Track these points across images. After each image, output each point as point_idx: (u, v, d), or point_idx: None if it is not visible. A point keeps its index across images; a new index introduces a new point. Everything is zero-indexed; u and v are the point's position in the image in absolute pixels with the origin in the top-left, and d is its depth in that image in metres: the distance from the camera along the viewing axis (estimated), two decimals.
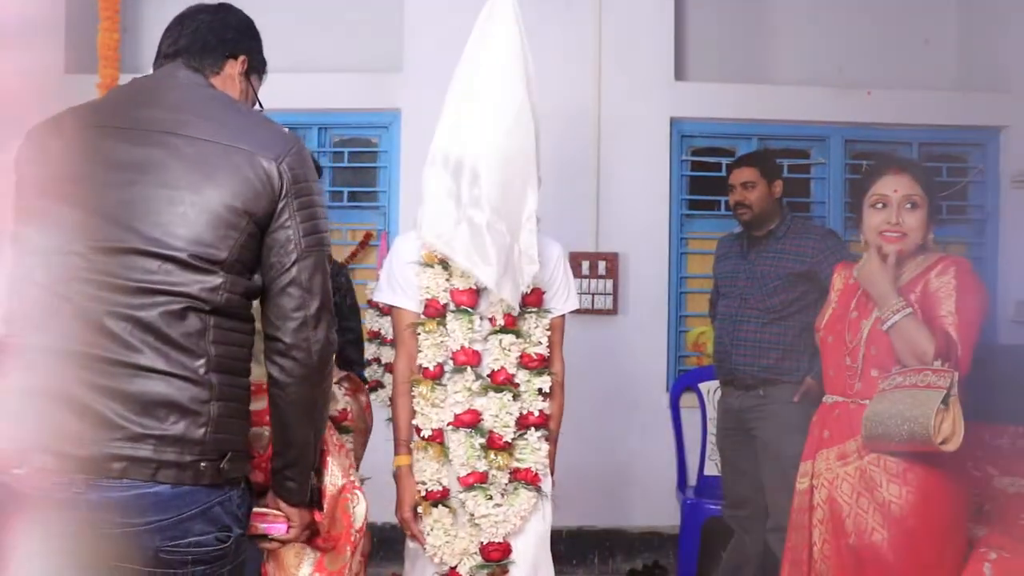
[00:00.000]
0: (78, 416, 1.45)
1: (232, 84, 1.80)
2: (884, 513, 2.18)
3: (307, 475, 1.74)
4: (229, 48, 1.80)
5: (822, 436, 2.37)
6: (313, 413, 1.68)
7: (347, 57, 4.36)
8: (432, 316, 2.22)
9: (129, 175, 1.54)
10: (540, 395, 2.25)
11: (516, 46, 2.11)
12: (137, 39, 4.44)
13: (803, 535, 2.37)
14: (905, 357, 2.21)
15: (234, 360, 1.58)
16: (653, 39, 4.23)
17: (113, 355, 1.47)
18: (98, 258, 1.50)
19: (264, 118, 1.71)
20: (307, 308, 1.60)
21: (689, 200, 4.37)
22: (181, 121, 1.61)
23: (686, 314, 4.36)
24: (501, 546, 2.20)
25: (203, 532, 1.53)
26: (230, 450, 1.55)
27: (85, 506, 1.45)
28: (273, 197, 1.57)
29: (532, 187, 2.14)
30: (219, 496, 1.55)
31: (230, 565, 1.60)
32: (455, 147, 2.11)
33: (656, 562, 4.12)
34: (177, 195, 1.53)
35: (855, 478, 2.24)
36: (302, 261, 1.60)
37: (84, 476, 1.44)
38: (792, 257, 3.24)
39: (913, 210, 2.28)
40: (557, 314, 2.32)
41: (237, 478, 1.59)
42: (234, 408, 1.57)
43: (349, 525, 1.87)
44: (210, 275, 1.53)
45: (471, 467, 2.18)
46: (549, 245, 2.34)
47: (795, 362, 3.23)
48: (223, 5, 1.89)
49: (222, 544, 1.56)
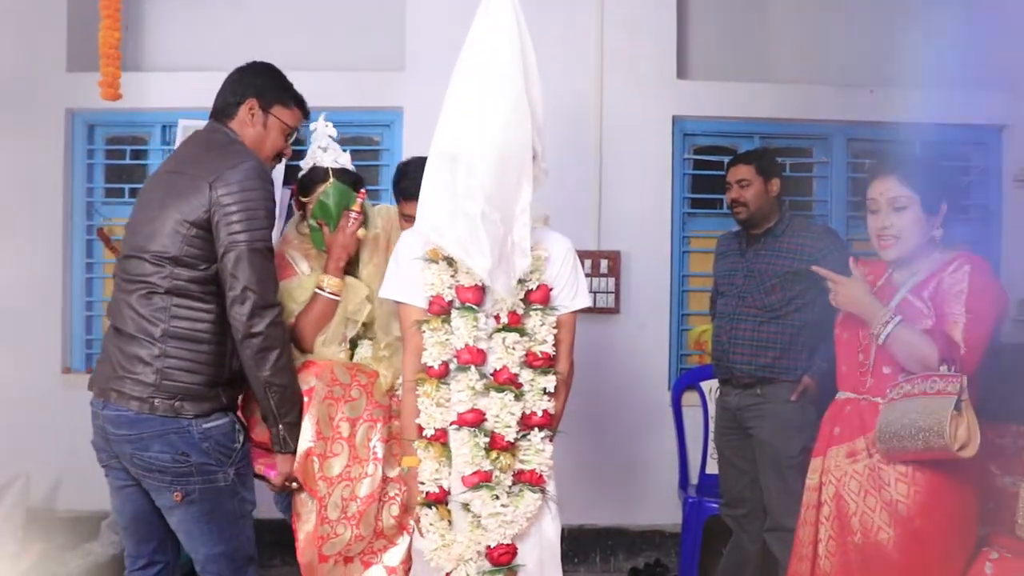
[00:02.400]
0: (104, 361, 2.32)
1: (247, 123, 2.44)
2: (891, 512, 2.17)
3: (276, 427, 2.32)
4: (238, 96, 2.43)
5: (832, 432, 2.37)
6: (256, 372, 2.24)
7: (349, 55, 4.36)
8: (436, 313, 2.21)
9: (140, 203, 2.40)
10: (545, 395, 2.22)
11: (513, 40, 2.10)
12: (138, 38, 4.44)
13: (810, 531, 2.37)
14: (910, 365, 2.20)
15: (190, 330, 2.23)
16: (655, 37, 4.23)
17: (119, 324, 2.28)
18: (122, 260, 2.34)
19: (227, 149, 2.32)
20: (233, 289, 2.21)
21: (691, 198, 4.37)
22: (175, 160, 2.44)
23: (688, 312, 4.36)
24: (509, 548, 2.17)
25: (161, 451, 2.21)
26: (180, 393, 2.20)
27: (101, 417, 2.28)
28: (206, 207, 2.21)
29: (527, 180, 2.13)
30: (174, 426, 2.21)
31: (198, 484, 2.23)
32: (451, 140, 2.11)
33: (658, 560, 4.12)
34: (152, 214, 2.28)
35: (863, 476, 2.24)
36: (227, 254, 2.21)
37: (101, 398, 2.29)
38: (790, 255, 3.24)
39: (901, 212, 2.28)
40: (564, 312, 2.28)
41: (200, 416, 2.22)
42: (185, 364, 2.21)
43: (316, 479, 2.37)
44: (163, 268, 2.22)
45: (476, 466, 2.15)
46: (557, 241, 2.32)
47: (793, 361, 3.23)
48: (246, 64, 2.53)
49: (180, 464, 2.21)
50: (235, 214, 2.20)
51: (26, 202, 4.26)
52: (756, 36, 4.50)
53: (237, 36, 4.42)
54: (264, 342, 2.22)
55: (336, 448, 2.43)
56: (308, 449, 2.35)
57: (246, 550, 2.37)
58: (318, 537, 2.38)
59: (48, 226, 4.31)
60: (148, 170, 4.42)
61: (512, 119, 2.09)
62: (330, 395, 2.43)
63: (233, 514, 2.31)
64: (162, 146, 4.40)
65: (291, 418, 2.33)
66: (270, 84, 2.46)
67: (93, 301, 4.42)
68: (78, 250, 4.39)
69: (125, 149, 4.45)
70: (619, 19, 4.20)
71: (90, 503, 4.21)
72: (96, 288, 4.43)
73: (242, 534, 2.35)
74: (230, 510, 2.30)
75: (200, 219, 2.21)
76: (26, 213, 4.27)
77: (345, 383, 2.48)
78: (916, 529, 2.15)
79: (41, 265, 4.30)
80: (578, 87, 4.17)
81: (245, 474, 2.36)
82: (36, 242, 4.29)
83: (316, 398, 2.39)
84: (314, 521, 2.38)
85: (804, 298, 3.23)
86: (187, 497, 2.23)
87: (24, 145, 4.27)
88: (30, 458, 4.02)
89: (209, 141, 2.38)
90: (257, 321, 2.21)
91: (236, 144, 2.37)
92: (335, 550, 2.41)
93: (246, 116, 2.42)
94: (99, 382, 2.30)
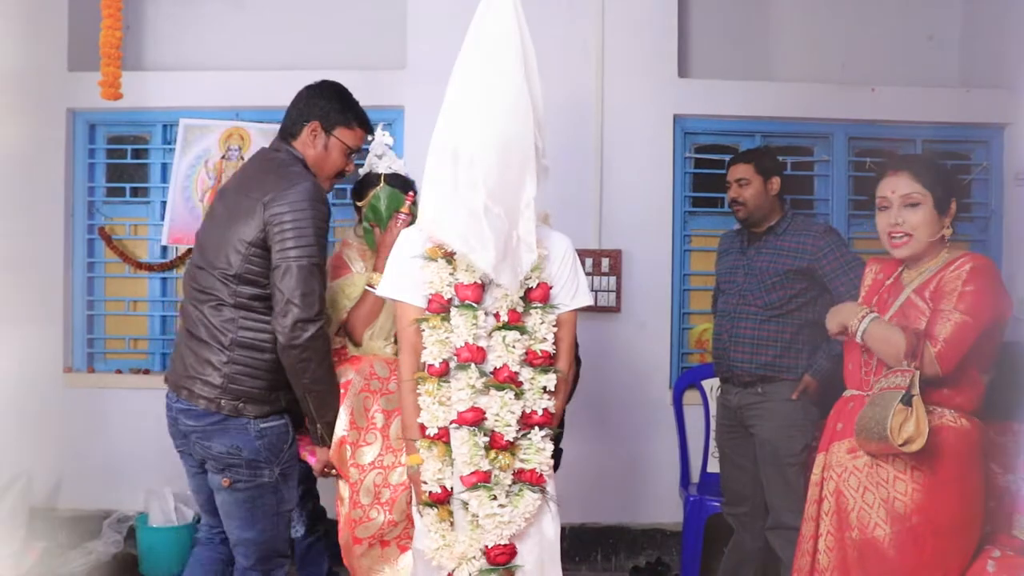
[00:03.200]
0: (177, 360, 2.55)
1: (309, 144, 2.60)
2: (888, 509, 2.18)
3: (315, 426, 2.53)
4: (303, 117, 2.61)
5: (835, 428, 2.37)
6: (297, 378, 2.42)
7: (350, 54, 4.36)
8: (436, 312, 2.21)
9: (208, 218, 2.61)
10: (545, 394, 2.22)
11: (513, 36, 2.10)
12: (140, 37, 4.45)
13: (811, 526, 2.38)
14: (886, 359, 2.21)
15: (253, 340, 2.43)
16: (656, 36, 4.22)
17: (192, 329, 2.49)
18: (192, 270, 2.55)
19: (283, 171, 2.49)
20: (278, 302, 2.37)
21: (692, 197, 4.36)
22: (239, 178, 2.62)
23: (689, 311, 4.36)
24: (507, 548, 2.16)
25: (219, 443, 2.44)
26: (243, 396, 2.43)
27: (174, 409, 2.53)
28: (261, 227, 2.38)
29: (531, 175, 2.13)
30: (235, 424, 2.43)
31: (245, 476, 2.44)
32: (452, 136, 2.11)
33: (659, 559, 4.12)
34: (219, 231, 2.47)
35: (863, 472, 2.24)
36: (276, 269, 2.37)
37: (174, 392, 2.52)
38: (791, 254, 3.23)
39: (914, 208, 2.27)
40: (565, 310, 2.28)
41: (259, 417, 2.44)
42: (248, 371, 2.43)
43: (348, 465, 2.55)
44: (228, 285, 2.42)
45: (474, 466, 2.14)
46: (557, 240, 2.32)
47: (793, 359, 3.23)
48: (314, 84, 2.69)
49: (232, 456, 2.44)
50: (286, 232, 2.36)
51: (28, 201, 4.26)
52: (757, 34, 4.49)
53: (239, 35, 4.43)
54: (304, 353, 2.38)
55: (369, 438, 2.57)
56: (342, 438, 2.53)
57: (277, 546, 2.55)
58: (351, 520, 2.53)
59: (50, 225, 4.31)
60: (149, 169, 4.43)
61: (513, 114, 2.10)
62: (366, 388, 2.61)
63: (270, 509, 2.50)
64: (163, 145, 4.40)
65: (329, 418, 2.53)
66: (334, 107, 2.61)
67: (94, 300, 4.42)
68: (79, 249, 4.39)
69: (126, 148, 4.45)
70: (620, 18, 4.19)
71: (92, 502, 4.23)
72: (97, 287, 4.43)
73: (275, 529, 2.53)
74: (269, 504, 2.49)
75: (257, 239, 2.39)
76: (28, 212, 4.27)
77: (383, 377, 2.64)
78: (912, 527, 2.15)
79: (42, 264, 4.30)
80: (579, 85, 4.17)
81: (289, 475, 2.54)
82: (38, 241, 4.29)
83: (352, 390, 2.58)
84: (348, 505, 2.55)
85: (805, 296, 3.23)
86: (234, 484, 2.46)
87: (26, 144, 4.27)
88: (32, 457, 4.03)
89: (270, 161, 2.57)
90: (299, 333, 2.35)
91: (293, 166, 2.53)
92: (368, 533, 2.52)
93: (308, 137, 2.59)
94: (173, 379, 2.55)
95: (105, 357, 4.42)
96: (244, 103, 4.31)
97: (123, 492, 4.12)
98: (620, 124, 4.18)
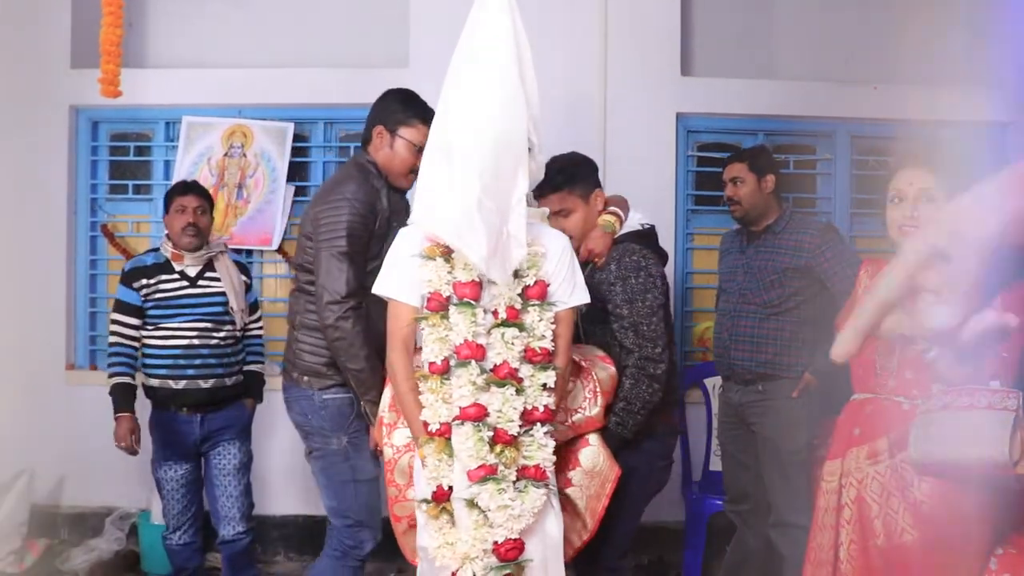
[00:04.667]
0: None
1: (379, 147, 2.79)
2: (915, 513, 2.10)
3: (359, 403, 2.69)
4: (371, 124, 2.81)
5: (852, 434, 2.28)
6: (336, 356, 2.64)
7: (353, 52, 4.36)
8: (435, 310, 2.21)
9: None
10: (545, 391, 2.21)
11: (508, 33, 2.11)
12: (141, 34, 4.45)
13: (829, 535, 2.28)
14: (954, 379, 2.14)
15: (311, 321, 2.69)
16: (659, 34, 4.22)
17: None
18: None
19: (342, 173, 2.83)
20: (315, 287, 2.66)
21: (695, 196, 4.36)
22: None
23: (691, 309, 4.36)
24: (516, 543, 2.15)
25: (296, 412, 2.78)
26: (307, 371, 2.72)
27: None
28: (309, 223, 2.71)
29: (523, 172, 2.13)
30: (302, 394, 2.74)
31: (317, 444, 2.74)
32: (447, 132, 2.12)
33: (661, 557, 4.12)
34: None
35: (886, 477, 2.15)
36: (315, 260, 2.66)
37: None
38: (789, 252, 3.23)
39: (930, 204, 2.22)
40: (563, 307, 2.29)
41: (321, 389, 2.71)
42: (309, 348, 2.72)
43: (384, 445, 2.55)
44: (297, 273, 2.81)
45: (481, 459, 2.13)
46: (554, 238, 2.33)
47: (794, 357, 3.22)
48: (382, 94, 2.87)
49: (304, 424, 2.76)
50: (321, 226, 2.64)
51: (30, 198, 4.27)
52: (760, 33, 4.49)
53: (240, 33, 4.43)
54: (336, 332, 2.59)
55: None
56: (380, 418, 2.57)
57: (357, 513, 2.73)
58: (389, 498, 2.53)
59: (52, 222, 4.32)
60: (152, 166, 4.43)
61: (507, 110, 2.10)
62: None
63: (343, 477, 2.71)
64: (166, 142, 4.40)
65: (370, 396, 2.64)
66: (395, 107, 2.78)
67: (97, 297, 4.42)
68: (82, 246, 4.40)
69: (129, 146, 4.46)
70: (623, 16, 4.19)
71: (94, 499, 4.23)
72: (100, 285, 4.44)
73: (353, 498, 2.72)
74: (341, 472, 2.71)
75: (309, 232, 2.71)
76: (30, 209, 4.27)
77: None
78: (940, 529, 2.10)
79: (45, 261, 4.31)
80: (582, 83, 4.17)
81: (359, 444, 2.73)
82: (40, 238, 4.30)
83: None
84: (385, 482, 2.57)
85: (804, 295, 3.22)
86: (312, 453, 2.77)
87: (28, 142, 4.28)
88: (34, 454, 4.03)
89: (341, 167, 2.96)
90: (328, 315, 2.59)
91: (353, 170, 2.78)
92: (405, 512, 2.50)
93: (377, 141, 2.78)
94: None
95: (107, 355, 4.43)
96: (247, 100, 4.31)
97: (125, 489, 4.12)
98: (623, 122, 4.18)
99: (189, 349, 3.23)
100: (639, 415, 2.57)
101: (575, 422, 2.49)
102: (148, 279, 3.24)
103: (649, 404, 2.58)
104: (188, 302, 3.26)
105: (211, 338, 3.26)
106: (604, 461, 2.51)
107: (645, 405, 2.57)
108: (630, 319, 2.58)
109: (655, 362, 2.57)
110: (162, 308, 3.25)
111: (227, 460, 3.33)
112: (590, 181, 2.77)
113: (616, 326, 2.61)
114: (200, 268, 3.30)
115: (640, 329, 2.57)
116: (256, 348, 3.52)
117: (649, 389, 2.57)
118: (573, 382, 2.52)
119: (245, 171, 4.29)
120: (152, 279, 3.25)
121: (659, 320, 2.60)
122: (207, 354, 3.25)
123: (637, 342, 2.57)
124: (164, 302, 3.25)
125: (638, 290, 2.58)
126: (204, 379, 3.24)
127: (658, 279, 2.63)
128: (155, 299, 3.25)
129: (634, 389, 2.56)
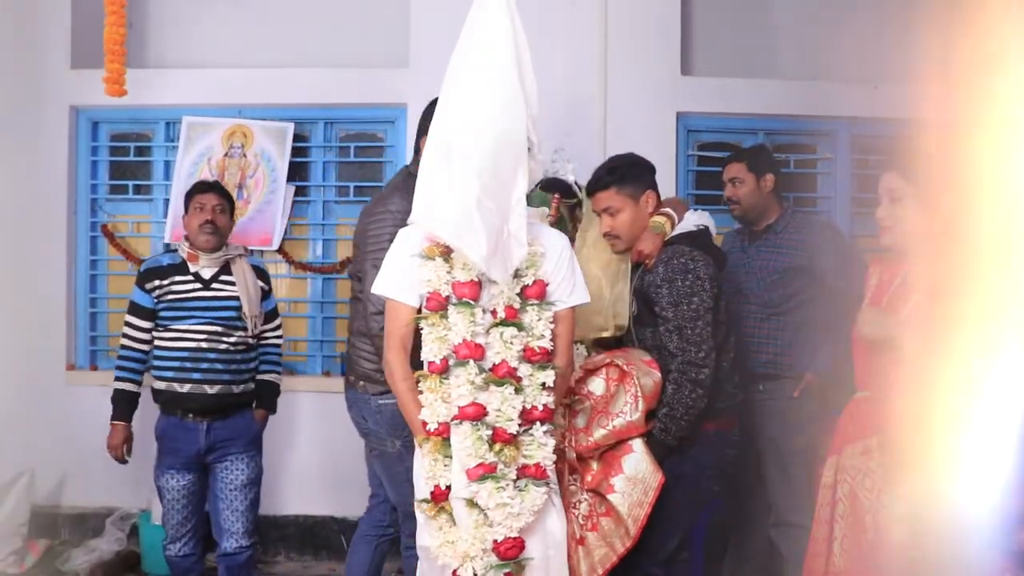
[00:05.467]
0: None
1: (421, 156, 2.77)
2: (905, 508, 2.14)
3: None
4: (419, 135, 2.83)
5: (848, 431, 2.32)
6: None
7: (353, 52, 4.36)
8: (434, 309, 2.21)
9: None
10: (544, 390, 2.22)
11: (507, 32, 2.11)
12: (141, 35, 4.44)
13: (824, 529, 2.34)
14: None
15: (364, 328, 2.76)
16: (659, 34, 4.22)
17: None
18: None
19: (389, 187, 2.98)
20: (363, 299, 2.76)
21: (695, 195, 4.35)
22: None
23: None
24: (516, 542, 2.15)
25: (355, 414, 2.91)
26: (360, 375, 2.83)
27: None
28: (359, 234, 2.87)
29: (523, 171, 2.14)
30: (359, 398, 2.84)
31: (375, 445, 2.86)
32: (447, 131, 2.13)
33: None
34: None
35: (878, 474, 2.21)
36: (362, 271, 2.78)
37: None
38: (790, 251, 3.23)
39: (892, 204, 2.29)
40: (562, 307, 2.29)
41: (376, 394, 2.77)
42: (363, 354, 2.81)
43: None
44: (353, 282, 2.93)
45: (480, 458, 2.14)
46: (553, 238, 2.33)
47: (795, 357, 3.22)
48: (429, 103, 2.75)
49: (363, 427, 2.88)
50: (368, 239, 2.76)
51: (31, 199, 4.27)
52: (760, 32, 4.48)
53: (242, 33, 4.43)
54: (377, 341, 2.60)
55: None
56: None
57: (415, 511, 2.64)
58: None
59: (52, 223, 4.32)
60: (152, 167, 4.43)
61: (507, 110, 2.11)
62: None
63: (400, 477, 2.66)
64: (166, 143, 4.40)
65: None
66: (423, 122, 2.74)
67: (97, 298, 4.43)
68: (82, 247, 4.40)
69: (129, 146, 4.46)
70: (623, 16, 4.19)
71: (95, 499, 4.23)
72: (100, 285, 4.44)
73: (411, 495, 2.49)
74: (398, 472, 2.71)
75: (358, 242, 2.87)
76: (31, 210, 4.27)
77: None
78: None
79: (45, 262, 4.31)
80: (582, 83, 4.16)
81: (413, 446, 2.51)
82: (40, 239, 4.30)
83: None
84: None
85: (805, 294, 3.22)
86: (372, 452, 2.92)
87: (28, 142, 4.28)
88: (35, 454, 4.03)
89: (394, 176, 3.07)
90: (374, 324, 2.67)
91: (400, 179, 2.88)
92: None
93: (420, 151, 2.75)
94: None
95: (108, 355, 4.42)
96: (247, 101, 4.31)
97: (126, 489, 4.11)
98: (623, 122, 4.18)
99: (196, 352, 3.12)
100: (683, 421, 2.50)
101: (616, 426, 2.48)
102: (161, 280, 3.16)
103: (693, 410, 2.50)
104: (199, 304, 3.15)
105: (220, 343, 3.14)
106: (647, 468, 2.48)
107: (689, 411, 2.49)
108: (675, 322, 2.51)
109: (698, 367, 2.49)
110: (173, 310, 3.15)
111: (235, 475, 3.20)
112: (642, 182, 2.70)
113: (662, 329, 2.55)
114: (216, 271, 3.20)
115: (684, 332, 2.50)
116: (271, 357, 3.38)
117: (693, 394, 2.48)
118: (617, 385, 2.52)
119: (245, 171, 4.29)
120: (165, 280, 3.16)
121: (705, 324, 2.51)
122: (214, 359, 3.13)
123: (681, 346, 2.50)
124: (175, 304, 3.15)
125: (684, 293, 2.52)
126: (210, 384, 3.12)
127: (707, 282, 2.54)
128: (167, 300, 3.15)
129: (677, 394, 2.49)
